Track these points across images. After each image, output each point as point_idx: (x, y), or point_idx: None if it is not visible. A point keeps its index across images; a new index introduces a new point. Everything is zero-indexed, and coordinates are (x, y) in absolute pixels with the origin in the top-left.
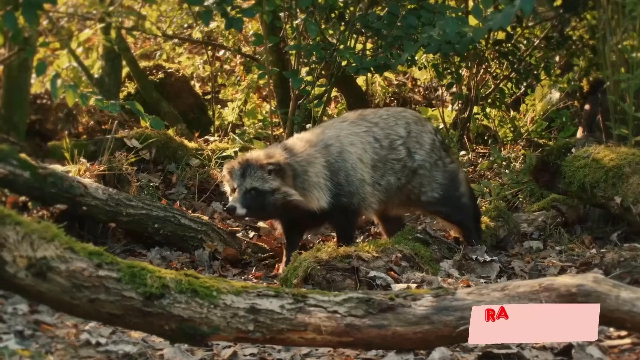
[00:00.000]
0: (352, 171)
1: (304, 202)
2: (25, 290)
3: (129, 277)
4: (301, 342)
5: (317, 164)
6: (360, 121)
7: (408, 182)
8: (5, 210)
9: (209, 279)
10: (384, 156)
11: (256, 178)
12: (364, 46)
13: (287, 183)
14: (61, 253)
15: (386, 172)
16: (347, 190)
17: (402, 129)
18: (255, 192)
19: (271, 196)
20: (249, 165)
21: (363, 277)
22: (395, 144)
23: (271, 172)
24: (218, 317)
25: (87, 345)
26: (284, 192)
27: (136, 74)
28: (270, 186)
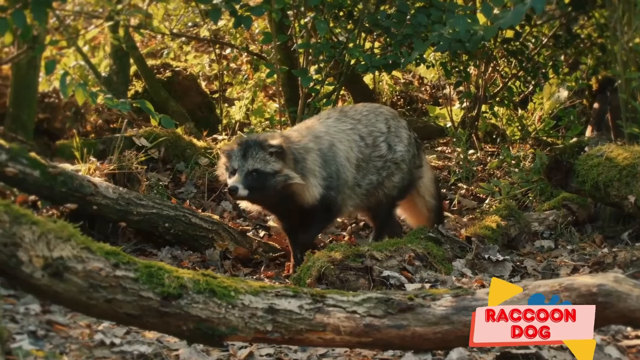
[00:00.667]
0: (341, 167)
1: (302, 189)
2: (42, 291)
3: (146, 277)
4: (320, 343)
5: (312, 151)
6: (343, 117)
7: (389, 177)
8: (21, 210)
9: (227, 278)
10: (368, 155)
11: (258, 159)
12: (373, 44)
13: (288, 166)
14: (78, 253)
15: (369, 171)
16: (335, 184)
17: (382, 125)
18: (257, 174)
19: (273, 178)
20: (250, 147)
21: (376, 276)
22: (377, 140)
23: (273, 154)
24: (236, 318)
25: (101, 345)
26: (285, 174)
27: (144, 72)
28: (273, 168)
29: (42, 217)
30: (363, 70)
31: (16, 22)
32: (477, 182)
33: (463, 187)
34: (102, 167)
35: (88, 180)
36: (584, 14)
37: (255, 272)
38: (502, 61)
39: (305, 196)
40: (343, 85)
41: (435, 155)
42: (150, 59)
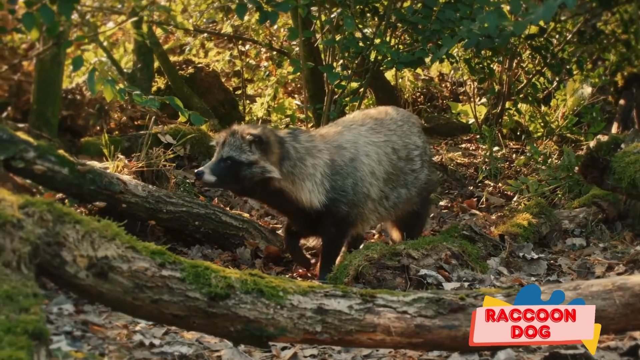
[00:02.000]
0: (360, 182)
1: (290, 189)
2: (86, 291)
3: (193, 277)
4: (370, 344)
5: (319, 157)
6: (379, 127)
7: (417, 195)
8: (64, 208)
9: (274, 278)
10: (401, 168)
11: (234, 147)
12: (398, 41)
13: (268, 159)
14: (123, 252)
15: (399, 185)
16: (350, 199)
17: (417, 138)
18: (230, 162)
19: (247, 169)
20: (231, 134)
21: (413, 275)
22: (412, 154)
23: (251, 144)
24: (285, 318)
25: (141, 346)
26: (262, 167)
27: (167, 69)
28: (247, 158)
29: (85, 216)
30: (390, 67)
31: (43, 18)
32: (504, 179)
33: (490, 185)
34: (131, 164)
35: (117, 178)
36: (608, 9)
37: (287, 270)
38: (526, 57)
39: (298, 198)
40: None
41: (460, 152)
42: (171, 56)
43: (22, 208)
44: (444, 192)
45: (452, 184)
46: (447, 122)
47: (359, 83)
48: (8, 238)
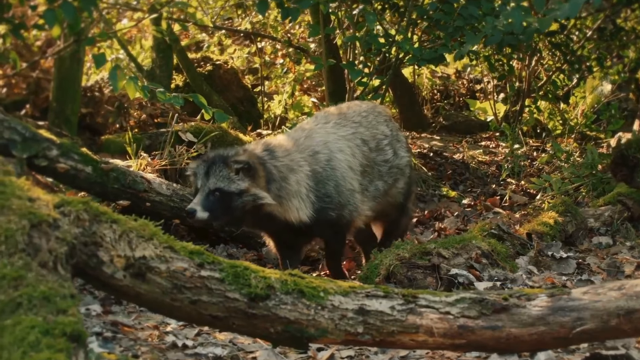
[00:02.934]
0: (342, 180)
1: (279, 211)
2: (123, 292)
3: (232, 278)
4: (412, 345)
5: (300, 171)
6: (343, 121)
7: (394, 184)
8: (101, 208)
9: (315, 279)
10: (373, 159)
11: (221, 177)
12: (420, 37)
13: (258, 184)
14: (161, 252)
15: (374, 177)
16: (336, 201)
17: (384, 127)
18: (220, 194)
19: (239, 198)
20: (214, 163)
21: (444, 274)
22: (381, 144)
23: (239, 172)
24: (326, 319)
25: (173, 347)
26: (253, 194)
27: (185, 65)
28: (238, 187)
29: (122, 216)
30: (412, 63)
31: (65, 14)
32: (526, 177)
33: (512, 183)
34: (154, 162)
35: (141, 177)
36: (628, 6)
37: (314, 269)
38: (546, 54)
39: (288, 218)
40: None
41: (481, 150)
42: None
43: (57, 207)
44: (466, 190)
45: (474, 182)
46: (466, 120)
47: (380, 80)
48: (44, 238)
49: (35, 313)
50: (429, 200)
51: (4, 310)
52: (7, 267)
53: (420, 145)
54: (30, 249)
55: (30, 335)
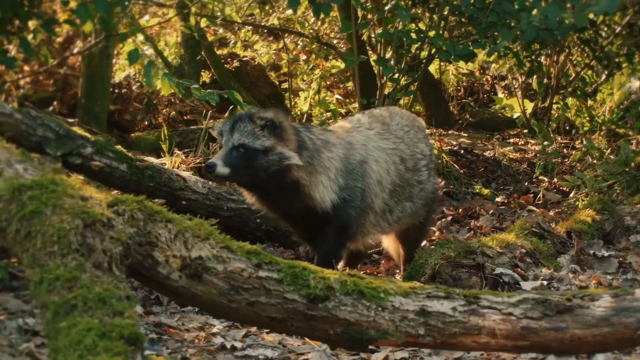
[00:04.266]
0: (367, 189)
1: (306, 181)
2: (178, 293)
3: (291, 278)
4: (474, 347)
5: (334, 151)
6: (386, 133)
7: (421, 207)
8: (155, 207)
9: (374, 279)
10: (407, 180)
11: (246, 133)
12: (451, 33)
13: (286, 145)
14: (217, 252)
15: (404, 197)
16: (358, 204)
17: (424, 146)
18: (244, 150)
19: (264, 157)
20: (240, 119)
21: (489, 274)
22: (419, 164)
23: (264, 128)
24: (386, 321)
25: (222, 349)
26: (279, 152)
27: (213, 62)
28: (263, 144)
29: (177, 215)
30: (445, 60)
31: (99, 9)
32: (559, 174)
33: (545, 180)
34: (188, 160)
35: (176, 174)
36: None
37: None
38: (575, 50)
39: (313, 194)
40: (409, 75)
41: (511, 147)
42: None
43: (111, 206)
44: (499, 188)
45: (506, 179)
46: (492, 117)
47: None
48: (98, 238)
49: (91, 315)
50: (462, 198)
51: (58, 312)
52: (60, 268)
53: (449, 143)
54: (84, 249)
55: (86, 338)
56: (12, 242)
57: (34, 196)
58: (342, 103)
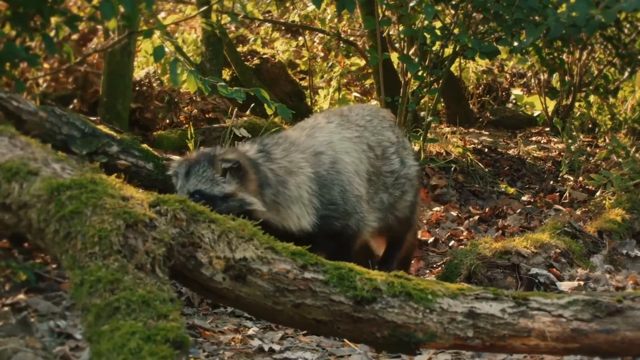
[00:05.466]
0: (348, 186)
1: (275, 219)
2: (222, 295)
3: (337, 280)
4: (523, 350)
5: (301, 174)
6: (347, 123)
7: (401, 197)
8: (198, 207)
9: (421, 280)
10: (379, 168)
11: (203, 179)
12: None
13: (247, 188)
14: (262, 253)
15: (379, 189)
16: (342, 209)
17: (390, 133)
18: (200, 197)
19: (223, 203)
20: (197, 162)
21: (524, 274)
22: (387, 152)
23: (226, 172)
24: (434, 323)
25: (260, 352)
26: (240, 199)
27: (234, 59)
28: (222, 190)
29: (219, 215)
30: (470, 57)
31: (124, 5)
32: (584, 173)
33: (570, 179)
34: None
35: None
36: None
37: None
38: (598, 47)
39: (287, 227)
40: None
41: (535, 145)
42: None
43: (153, 206)
44: (524, 186)
45: (531, 178)
46: (513, 115)
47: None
48: (140, 239)
49: (135, 318)
50: (488, 197)
51: (101, 315)
52: (102, 270)
53: (470, 141)
54: (126, 251)
55: (130, 341)
56: (51, 243)
57: (73, 196)
58: (359, 101)
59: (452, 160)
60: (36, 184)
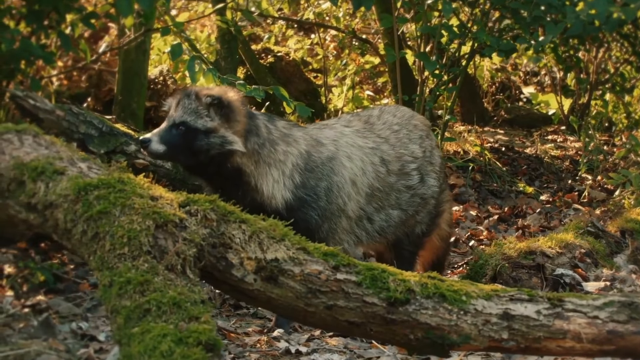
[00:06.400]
0: (336, 189)
1: (251, 171)
2: (253, 297)
3: (370, 281)
4: (559, 352)
5: (294, 146)
6: (367, 132)
7: (413, 215)
8: (228, 207)
9: (455, 281)
10: (390, 184)
11: (189, 110)
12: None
13: (231, 128)
14: (293, 254)
15: (387, 205)
16: (322, 205)
17: (417, 147)
18: (184, 128)
19: (204, 138)
20: (186, 95)
21: (549, 274)
22: (407, 167)
23: (210, 107)
24: (469, 325)
25: (287, 354)
26: (221, 135)
27: (249, 57)
28: (205, 124)
29: (250, 215)
30: (488, 55)
31: (141, 3)
32: (603, 172)
33: (588, 178)
34: None
35: None
36: None
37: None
38: (614, 45)
39: (259, 186)
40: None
41: (552, 144)
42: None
43: (183, 206)
44: (542, 186)
45: (549, 177)
46: (528, 113)
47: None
48: (170, 239)
49: (166, 320)
50: (506, 196)
51: (130, 317)
52: (131, 271)
53: (486, 140)
54: (156, 251)
55: (162, 344)
56: (78, 244)
57: (101, 196)
58: (372, 99)
59: (470, 159)
60: (62, 184)
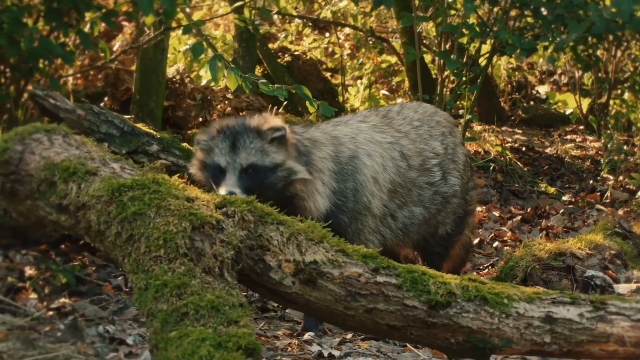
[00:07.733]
0: (361, 187)
1: (303, 192)
2: (291, 300)
3: (410, 284)
4: (602, 355)
5: (324, 149)
6: (385, 127)
7: (436, 214)
8: (265, 208)
9: (496, 284)
10: (412, 180)
11: (254, 151)
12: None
13: (290, 155)
14: (332, 256)
15: (409, 201)
16: (350, 207)
17: (438, 144)
18: (252, 170)
19: (273, 174)
20: (240, 133)
21: (579, 276)
22: (428, 163)
23: (274, 141)
24: (510, 328)
25: (320, 358)
26: (288, 168)
27: (266, 56)
28: (273, 161)
29: (288, 217)
30: (511, 54)
31: (163, 1)
32: (625, 172)
33: (610, 178)
34: None
35: None
36: None
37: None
38: (633, 44)
39: (308, 206)
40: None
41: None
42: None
43: (219, 208)
44: (564, 186)
45: (570, 177)
46: (546, 113)
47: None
48: (207, 241)
49: (204, 324)
50: (528, 196)
51: (167, 320)
52: (168, 274)
53: (505, 140)
54: (193, 254)
55: (200, 348)
56: (112, 246)
57: (135, 197)
58: (388, 98)
59: (491, 159)
60: (95, 184)
